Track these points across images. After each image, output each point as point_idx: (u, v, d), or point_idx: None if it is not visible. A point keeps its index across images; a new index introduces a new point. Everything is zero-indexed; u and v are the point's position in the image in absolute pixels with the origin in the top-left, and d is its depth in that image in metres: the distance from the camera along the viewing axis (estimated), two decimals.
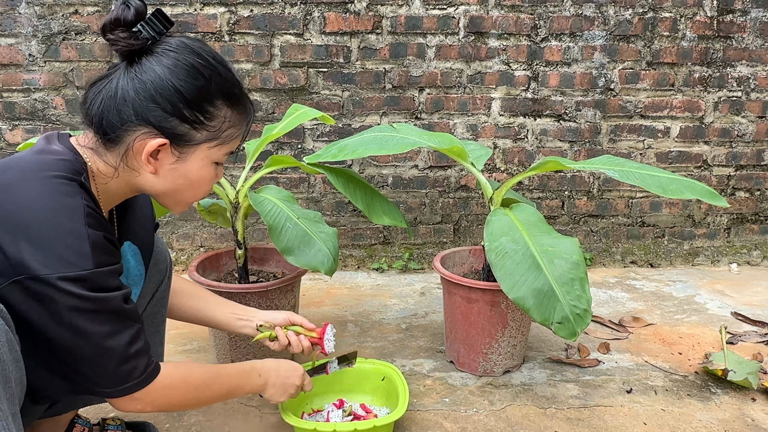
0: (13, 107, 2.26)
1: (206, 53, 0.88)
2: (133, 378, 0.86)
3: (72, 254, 0.77)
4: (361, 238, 2.48)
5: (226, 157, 0.96)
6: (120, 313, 0.83)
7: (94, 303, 0.79)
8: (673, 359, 1.72)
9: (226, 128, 0.91)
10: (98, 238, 0.81)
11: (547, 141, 2.45)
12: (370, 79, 2.33)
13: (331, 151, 1.56)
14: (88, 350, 0.81)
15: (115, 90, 0.85)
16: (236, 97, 0.92)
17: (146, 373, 0.88)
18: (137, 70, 0.85)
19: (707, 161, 2.53)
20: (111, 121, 0.85)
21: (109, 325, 0.81)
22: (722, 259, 2.62)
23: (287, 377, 1.18)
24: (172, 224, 2.41)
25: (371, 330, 1.90)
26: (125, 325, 0.84)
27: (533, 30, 2.34)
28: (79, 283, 0.77)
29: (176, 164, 0.90)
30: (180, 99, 0.85)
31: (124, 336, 0.83)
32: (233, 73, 0.92)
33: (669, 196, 1.35)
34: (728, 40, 2.41)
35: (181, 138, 0.88)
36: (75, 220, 0.79)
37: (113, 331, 0.82)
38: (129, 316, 0.85)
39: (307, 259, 1.42)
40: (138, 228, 1.06)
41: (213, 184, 0.98)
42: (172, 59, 0.85)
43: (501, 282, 1.32)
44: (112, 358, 0.83)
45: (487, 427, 1.38)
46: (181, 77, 0.85)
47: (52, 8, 2.18)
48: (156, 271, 1.14)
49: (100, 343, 0.81)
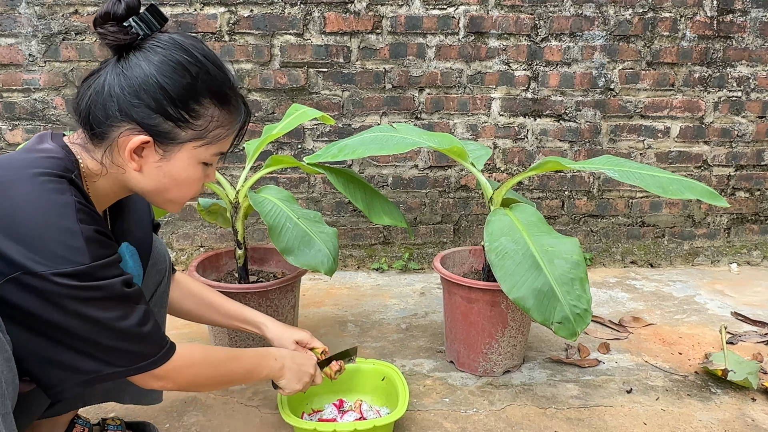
0: (13, 107, 2.26)
1: (196, 50, 0.86)
2: (150, 356, 0.87)
3: (66, 251, 0.77)
4: (361, 238, 2.48)
5: (217, 158, 0.94)
6: (123, 296, 0.83)
7: (96, 291, 0.79)
8: (673, 359, 1.72)
9: (213, 128, 0.89)
10: (91, 233, 0.80)
11: (547, 141, 2.45)
12: (370, 79, 2.33)
13: (331, 151, 1.56)
14: (103, 335, 0.81)
15: (102, 85, 0.84)
16: (226, 96, 0.90)
17: (163, 350, 0.89)
18: (124, 66, 0.84)
19: (707, 161, 2.53)
20: (97, 116, 0.85)
21: (116, 310, 0.82)
22: (722, 259, 2.62)
23: (302, 364, 1.19)
24: (172, 224, 2.41)
25: (371, 330, 1.90)
26: (131, 308, 0.84)
27: (533, 30, 2.34)
28: (77, 277, 0.77)
29: (161, 162, 0.88)
30: (164, 96, 0.83)
31: (134, 317, 0.84)
32: (225, 72, 0.90)
33: (669, 196, 1.35)
34: (728, 40, 2.41)
35: (165, 136, 0.86)
36: (66, 216, 0.78)
37: (122, 314, 0.83)
38: (133, 298, 0.85)
39: (307, 259, 1.42)
40: (134, 228, 1.05)
41: (201, 185, 0.96)
42: (159, 55, 0.84)
43: (501, 282, 1.32)
44: (125, 339, 0.83)
45: (487, 427, 1.38)
46: (166, 74, 0.83)
47: (52, 8, 2.18)
48: (155, 272, 1.14)
49: (113, 326, 0.82)
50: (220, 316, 1.27)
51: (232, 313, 1.27)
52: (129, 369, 0.86)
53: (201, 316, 1.27)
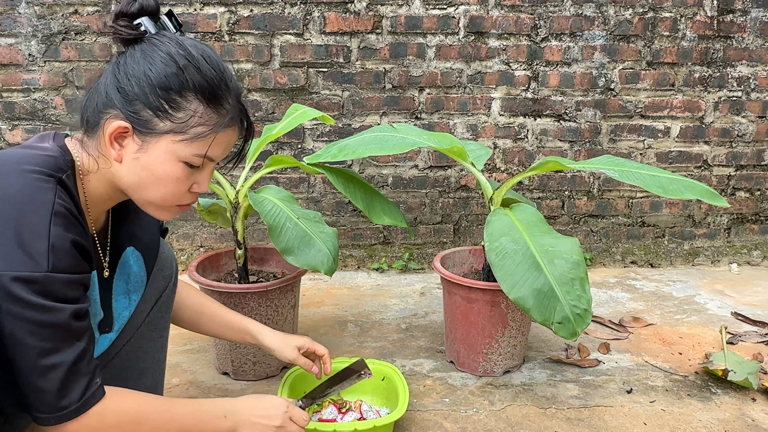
0: (13, 107, 2.25)
1: (193, 47, 0.85)
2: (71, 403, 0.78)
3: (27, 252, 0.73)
4: (361, 238, 2.48)
5: (201, 160, 0.88)
6: (66, 329, 0.76)
7: (39, 312, 0.74)
8: (673, 359, 1.72)
9: (195, 124, 0.85)
10: (61, 241, 0.76)
11: (547, 141, 2.44)
12: (370, 79, 2.33)
13: (331, 151, 1.56)
14: (24, 363, 0.75)
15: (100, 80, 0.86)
16: (215, 95, 0.86)
17: (84, 398, 0.79)
18: (122, 59, 0.85)
19: (707, 161, 2.53)
20: (91, 107, 0.86)
21: (50, 341, 0.75)
22: (722, 259, 2.62)
23: (263, 416, 1.00)
24: (172, 224, 2.41)
25: (371, 330, 1.90)
26: (69, 344, 0.77)
27: (533, 30, 2.34)
28: (30, 285, 0.73)
29: (138, 153, 0.86)
30: (147, 83, 0.83)
31: (66, 355, 0.76)
32: (222, 73, 0.87)
33: (669, 196, 1.35)
34: (728, 40, 2.41)
35: (143, 125, 0.84)
36: (40, 216, 0.75)
37: (53, 348, 0.75)
38: (75, 333, 0.78)
39: (307, 259, 1.42)
40: (141, 233, 1.04)
41: (187, 191, 0.90)
42: (153, 48, 0.84)
43: (501, 282, 1.32)
44: (48, 378, 0.76)
45: (487, 427, 1.37)
46: (152, 62, 0.83)
47: (52, 8, 2.18)
48: (161, 277, 1.12)
49: (36, 359, 0.75)
50: (218, 326, 1.24)
51: (230, 323, 1.24)
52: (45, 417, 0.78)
53: (197, 326, 1.25)
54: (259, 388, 1.52)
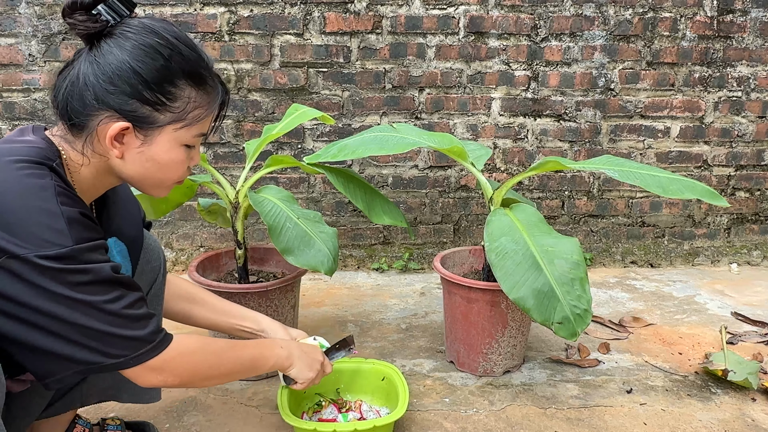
0: (13, 107, 2.25)
1: (168, 33, 0.85)
2: (146, 343, 0.84)
3: (48, 233, 0.75)
4: (361, 238, 2.48)
5: (199, 139, 0.93)
6: (113, 281, 0.81)
7: (82, 275, 0.77)
8: (673, 359, 1.72)
9: (192, 109, 0.88)
10: (74, 214, 0.78)
11: (547, 141, 2.44)
12: (370, 79, 2.33)
13: (331, 151, 1.56)
14: (93, 319, 0.78)
15: (77, 75, 0.84)
16: (201, 76, 0.89)
17: (158, 338, 0.86)
18: (96, 54, 0.84)
19: (707, 161, 2.53)
20: (75, 107, 0.85)
21: (105, 293, 0.79)
22: (722, 259, 2.62)
23: (309, 352, 1.16)
24: (172, 224, 2.41)
25: (371, 330, 1.90)
26: (122, 292, 0.82)
27: (533, 30, 2.34)
28: (61, 260, 0.75)
29: (142, 147, 0.88)
30: (139, 81, 0.83)
31: (124, 301, 0.81)
32: (199, 52, 0.89)
33: (669, 196, 1.35)
34: (728, 40, 2.41)
35: (144, 121, 0.85)
36: (46, 199, 0.77)
37: (113, 297, 0.80)
38: (123, 283, 0.83)
39: (307, 259, 1.42)
40: (123, 224, 1.03)
41: (186, 167, 0.94)
42: (130, 41, 0.83)
43: (501, 282, 1.32)
44: (118, 323, 0.80)
45: (487, 427, 1.37)
46: (139, 58, 0.83)
47: (52, 8, 2.18)
48: (149, 269, 1.11)
49: (102, 309, 0.79)
50: (212, 313, 1.23)
51: (226, 310, 1.24)
52: (124, 359, 0.82)
53: (193, 317, 1.23)
54: (259, 387, 1.53)
